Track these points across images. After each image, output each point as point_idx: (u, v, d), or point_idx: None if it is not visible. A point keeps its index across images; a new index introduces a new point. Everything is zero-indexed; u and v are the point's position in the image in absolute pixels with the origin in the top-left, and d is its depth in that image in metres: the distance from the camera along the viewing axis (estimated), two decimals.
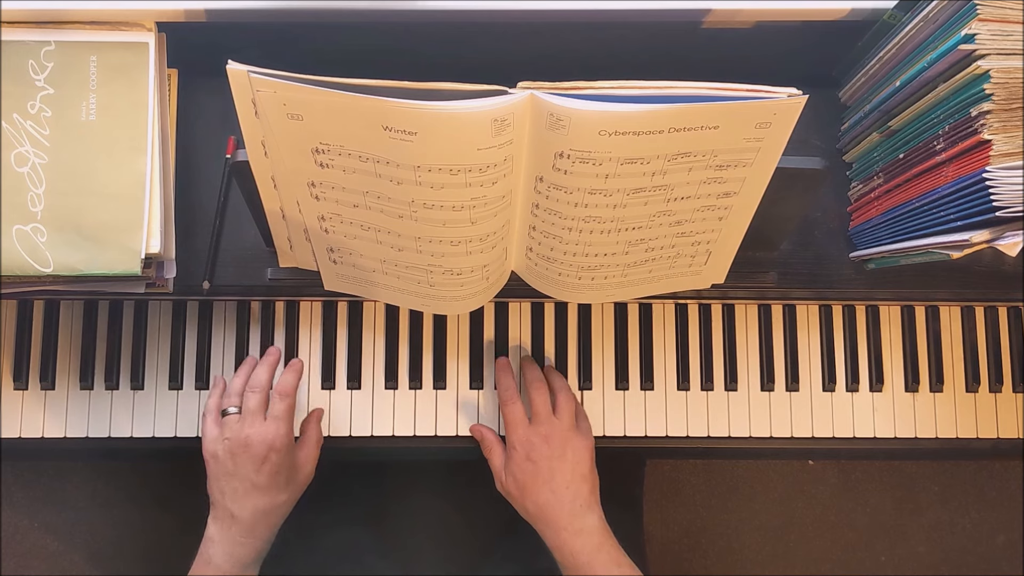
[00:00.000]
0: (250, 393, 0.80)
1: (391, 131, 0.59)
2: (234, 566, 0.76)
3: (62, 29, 0.77)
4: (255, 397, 0.80)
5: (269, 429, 0.78)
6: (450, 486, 1.03)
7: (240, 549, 0.77)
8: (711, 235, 0.75)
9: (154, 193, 0.76)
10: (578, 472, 0.80)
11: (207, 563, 0.76)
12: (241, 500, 0.77)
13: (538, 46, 0.83)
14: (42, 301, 0.89)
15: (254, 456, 0.77)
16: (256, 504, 0.77)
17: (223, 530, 0.77)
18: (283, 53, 0.70)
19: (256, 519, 0.77)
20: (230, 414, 0.79)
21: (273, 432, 0.77)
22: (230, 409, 0.80)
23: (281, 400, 0.80)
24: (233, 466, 0.77)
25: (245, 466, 0.77)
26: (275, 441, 0.77)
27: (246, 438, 0.77)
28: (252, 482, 0.77)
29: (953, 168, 0.71)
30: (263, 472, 0.77)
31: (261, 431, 0.77)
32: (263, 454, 0.77)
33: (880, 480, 1.60)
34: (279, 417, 0.79)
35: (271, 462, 0.77)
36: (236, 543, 0.77)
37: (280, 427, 0.78)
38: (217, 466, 0.78)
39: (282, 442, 0.78)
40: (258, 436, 0.77)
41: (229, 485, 0.77)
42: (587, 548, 0.77)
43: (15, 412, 0.87)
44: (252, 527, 0.77)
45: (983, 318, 0.93)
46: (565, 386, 0.86)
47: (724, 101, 0.59)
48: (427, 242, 0.70)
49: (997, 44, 0.66)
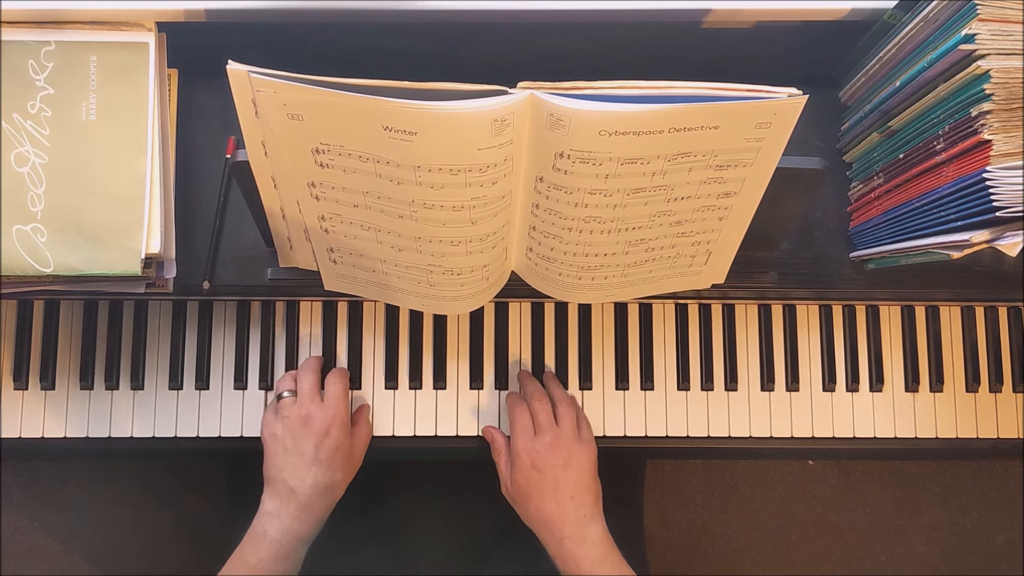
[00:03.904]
0: (303, 376, 0.83)
1: (391, 131, 0.59)
2: (291, 540, 0.77)
3: (62, 29, 0.77)
4: (308, 379, 0.82)
5: (330, 406, 0.80)
6: (450, 486, 1.03)
7: (297, 524, 0.77)
8: (711, 235, 0.75)
9: (154, 193, 0.76)
10: (582, 482, 0.80)
11: (262, 536, 0.77)
12: (301, 475, 0.78)
13: (538, 46, 0.83)
14: (42, 301, 0.89)
15: (315, 432, 0.79)
16: (316, 479, 0.78)
17: (281, 504, 0.78)
18: (283, 53, 0.70)
19: (315, 494, 0.78)
20: (285, 397, 0.82)
21: (333, 410, 0.80)
22: (284, 393, 0.82)
23: (338, 382, 0.83)
24: (293, 442, 0.79)
25: (305, 442, 0.79)
26: (335, 418, 0.80)
27: (307, 415, 0.80)
28: (313, 456, 0.78)
29: (953, 168, 0.71)
30: (323, 448, 0.79)
31: (321, 409, 0.80)
32: (324, 430, 0.79)
33: (880, 480, 1.60)
34: (337, 396, 0.82)
35: (332, 437, 0.79)
36: (294, 517, 0.77)
37: (339, 406, 0.81)
38: (276, 444, 0.80)
39: (341, 420, 0.81)
40: (319, 413, 0.80)
41: (288, 461, 0.79)
42: (591, 558, 0.77)
43: (15, 412, 0.87)
44: (309, 503, 0.78)
45: (983, 318, 0.93)
46: (565, 396, 0.86)
47: (724, 101, 0.59)
48: (427, 242, 0.70)
49: (997, 44, 0.66)
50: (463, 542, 1.01)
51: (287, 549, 0.77)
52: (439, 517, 1.02)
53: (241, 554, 0.77)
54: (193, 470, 1.43)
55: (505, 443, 0.85)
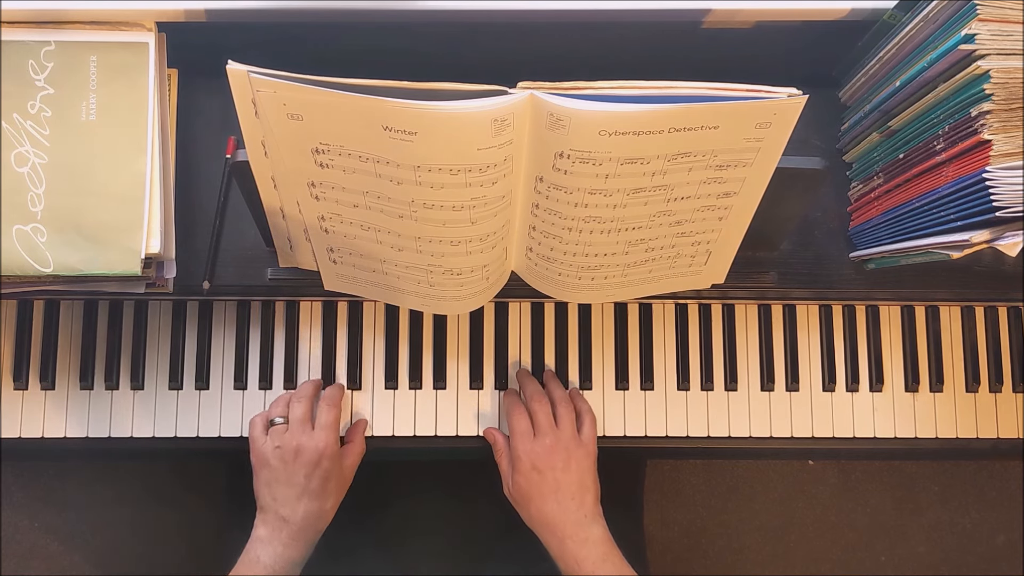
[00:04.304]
0: (296, 403, 0.82)
1: (391, 131, 0.59)
2: (283, 567, 0.78)
3: (62, 29, 0.77)
4: (300, 407, 0.82)
5: (319, 438, 0.80)
6: (450, 486, 1.03)
7: (289, 551, 0.78)
8: (711, 235, 0.75)
9: (154, 193, 0.76)
10: (583, 483, 0.80)
11: (255, 562, 0.78)
12: (293, 505, 0.79)
13: (538, 46, 0.83)
14: (42, 301, 0.89)
15: (306, 463, 0.79)
16: (308, 509, 0.79)
17: (273, 532, 0.79)
18: (283, 53, 0.70)
19: (306, 523, 0.79)
20: (277, 424, 0.81)
21: (324, 441, 0.80)
22: (276, 420, 0.82)
23: (329, 411, 0.82)
24: (285, 473, 0.79)
25: (297, 473, 0.79)
26: (326, 449, 0.80)
27: (298, 446, 0.79)
28: (303, 488, 0.79)
29: (953, 168, 0.71)
30: (314, 478, 0.79)
31: (312, 440, 0.80)
32: (315, 461, 0.79)
33: (880, 480, 1.60)
34: (328, 426, 0.81)
35: (322, 468, 0.79)
36: (286, 545, 0.78)
37: (329, 436, 0.81)
38: (269, 473, 0.80)
39: (332, 450, 0.80)
40: (310, 444, 0.80)
41: (281, 492, 0.79)
42: (592, 558, 0.77)
43: (15, 412, 0.87)
44: (301, 531, 0.79)
45: (983, 318, 0.93)
46: (565, 396, 0.86)
47: (724, 101, 0.59)
48: (427, 242, 0.70)
49: (997, 44, 0.66)
50: (463, 542, 1.01)
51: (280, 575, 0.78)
52: (439, 517, 1.02)
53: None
54: (193, 470, 1.43)
55: (506, 444, 0.85)
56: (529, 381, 0.87)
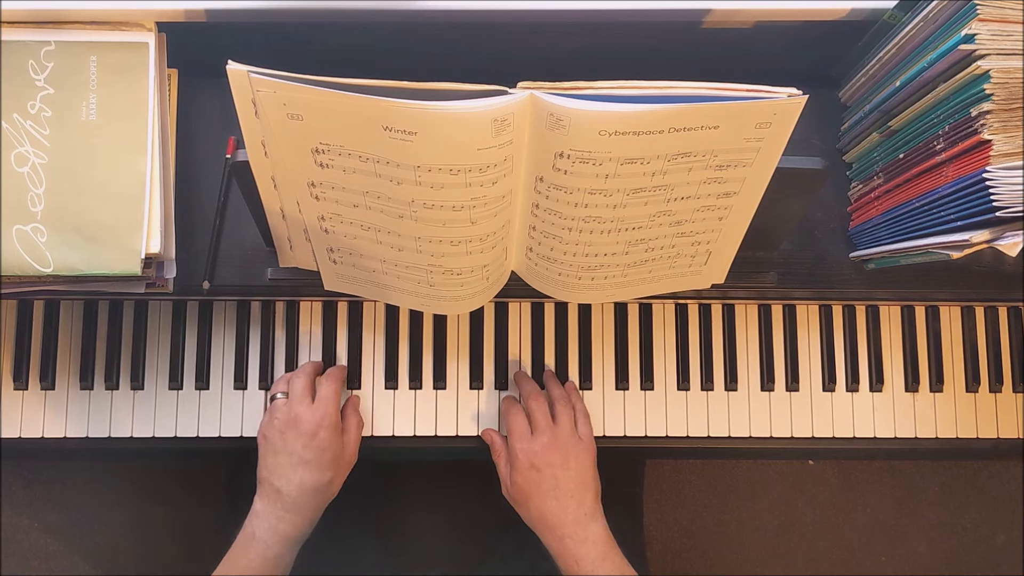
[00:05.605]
0: (296, 378, 0.82)
1: (391, 131, 0.59)
2: (278, 541, 0.77)
3: (62, 29, 0.77)
4: (300, 381, 0.82)
5: (318, 408, 0.80)
6: (450, 486, 1.03)
7: (284, 525, 0.77)
8: (711, 235, 0.75)
9: (154, 193, 0.76)
10: (582, 481, 0.80)
11: (250, 537, 0.77)
12: (288, 475, 0.78)
13: (538, 46, 0.83)
14: (42, 301, 0.89)
15: (303, 433, 0.79)
16: (303, 479, 0.78)
17: (269, 506, 0.78)
18: (283, 53, 0.70)
19: (303, 495, 0.78)
20: (278, 399, 0.82)
21: (322, 411, 0.80)
22: (278, 395, 0.82)
23: (330, 384, 0.82)
24: (282, 443, 0.79)
25: (294, 442, 0.78)
26: (324, 419, 0.79)
27: (296, 416, 0.79)
28: (300, 457, 0.78)
29: (953, 168, 0.71)
30: (311, 448, 0.78)
31: (310, 410, 0.80)
32: (312, 431, 0.79)
33: (880, 480, 1.59)
34: (328, 398, 0.81)
35: (320, 438, 0.79)
36: (281, 518, 0.77)
37: (329, 407, 0.80)
38: (266, 445, 0.80)
39: (330, 421, 0.80)
40: (307, 414, 0.79)
41: (276, 461, 0.79)
42: (592, 556, 0.77)
43: (15, 412, 0.87)
44: (297, 503, 0.78)
45: (983, 318, 0.93)
46: (563, 395, 0.86)
47: (724, 101, 0.59)
48: (427, 242, 0.70)
49: (997, 44, 0.66)
50: (463, 542, 1.01)
51: (275, 550, 0.77)
52: (439, 517, 1.02)
53: (231, 556, 0.77)
54: (193, 470, 1.43)
55: (504, 445, 0.85)
56: (525, 381, 0.87)
